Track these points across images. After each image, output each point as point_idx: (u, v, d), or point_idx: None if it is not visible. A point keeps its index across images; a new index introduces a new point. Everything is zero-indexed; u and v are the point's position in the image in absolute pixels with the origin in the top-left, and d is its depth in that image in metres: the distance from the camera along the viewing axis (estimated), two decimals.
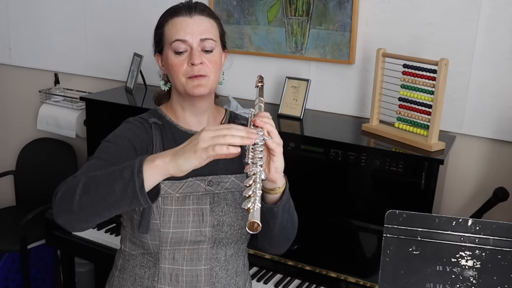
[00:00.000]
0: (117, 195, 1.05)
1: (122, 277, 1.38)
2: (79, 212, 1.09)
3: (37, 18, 3.12)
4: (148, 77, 2.69)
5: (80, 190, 1.08)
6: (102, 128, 2.56)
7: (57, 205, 1.12)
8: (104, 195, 1.06)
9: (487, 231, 1.22)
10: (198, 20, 1.28)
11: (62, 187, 1.14)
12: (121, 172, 1.05)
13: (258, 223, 0.96)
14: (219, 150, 1.01)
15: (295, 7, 2.31)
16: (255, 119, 1.11)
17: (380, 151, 1.95)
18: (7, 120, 3.47)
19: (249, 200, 0.99)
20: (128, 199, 1.05)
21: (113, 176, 1.06)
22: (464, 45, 2.02)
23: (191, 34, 1.27)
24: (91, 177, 1.09)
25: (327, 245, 2.02)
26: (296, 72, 2.37)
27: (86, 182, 1.09)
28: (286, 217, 1.24)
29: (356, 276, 1.92)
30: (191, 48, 1.27)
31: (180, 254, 1.30)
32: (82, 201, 1.08)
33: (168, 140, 1.33)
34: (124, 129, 1.31)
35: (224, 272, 1.34)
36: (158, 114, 1.37)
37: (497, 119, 2.02)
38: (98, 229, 2.40)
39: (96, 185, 1.07)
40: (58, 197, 1.12)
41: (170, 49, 1.29)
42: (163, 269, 1.30)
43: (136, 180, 1.03)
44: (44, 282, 3.03)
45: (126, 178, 1.04)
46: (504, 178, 2.01)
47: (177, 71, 1.28)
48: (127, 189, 1.04)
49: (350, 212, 2.00)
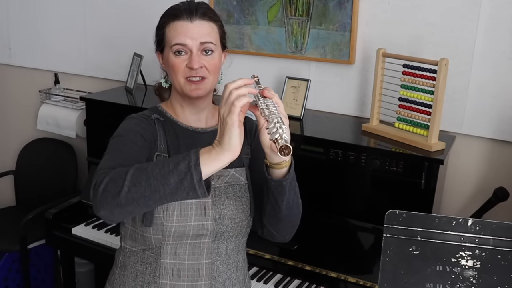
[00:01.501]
0: (172, 187, 1.06)
1: (123, 274, 1.38)
2: (127, 204, 1.08)
3: (37, 18, 3.12)
4: (148, 77, 2.69)
5: (129, 182, 1.07)
6: (102, 128, 2.57)
7: (100, 197, 1.10)
8: (157, 187, 1.06)
9: (487, 231, 1.22)
10: (199, 24, 1.30)
11: (103, 179, 1.11)
12: (176, 165, 1.06)
13: (290, 146, 1.02)
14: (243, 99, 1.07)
15: (295, 7, 2.31)
16: (264, 90, 1.15)
17: (380, 151, 1.95)
18: (7, 120, 3.47)
19: (274, 126, 1.05)
20: (184, 192, 1.06)
21: (167, 168, 1.06)
22: (464, 45, 2.02)
23: (191, 38, 1.28)
24: (141, 169, 1.09)
25: (327, 245, 2.02)
26: (296, 72, 2.38)
27: (135, 173, 1.08)
28: (292, 196, 1.26)
29: (356, 276, 1.92)
30: (191, 52, 1.29)
31: (182, 248, 1.31)
32: (131, 193, 1.07)
33: (171, 135, 1.35)
34: (132, 124, 1.32)
35: (225, 266, 1.36)
36: (159, 111, 1.39)
37: (497, 119, 2.02)
38: (98, 229, 2.40)
39: (147, 177, 1.07)
40: (101, 189, 1.10)
41: (171, 51, 1.30)
42: (165, 264, 1.31)
43: (194, 173, 1.04)
44: (44, 282, 3.03)
45: (182, 170, 1.05)
46: (504, 178, 2.01)
47: (176, 71, 1.30)
48: (183, 181, 1.05)
49: (350, 212, 2.00)
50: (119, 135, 1.29)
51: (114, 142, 1.28)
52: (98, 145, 2.60)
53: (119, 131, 1.31)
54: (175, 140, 1.35)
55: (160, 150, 1.32)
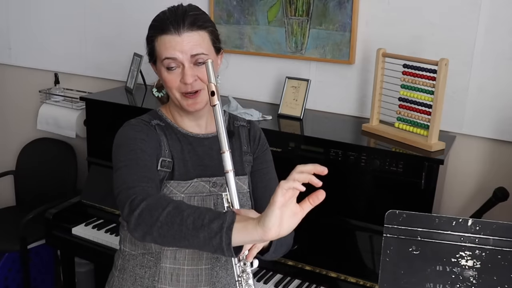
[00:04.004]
0: (200, 241, 1.03)
1: (122, 277, 1.38)
2: (157, 237, 1.08)
3: (37, 18, 3.12)
4: (148, 77, 2.69)
5: (163, 218, 1.06)
6: (102, 128, 2.57)
7: (135, 221, 1.09)
8: (187, 236, 1.04)
9: (487, 231, 1.22)
10: (187, 37, 1.25)
11: (140, 202, 1.10)
12: (210, 221, 1.02)
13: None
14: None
15: (295, 7, 2.31)
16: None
17: (380, 151, 1.95)
18: (7, 120, 3.47)
19: None
20: (212, 248, 1.03)
21: (201, 221, 1.03)
22: (464, 45, 2.02)
23: (180, 51, 1.24)
24: (178, 210, 1.06)
25: (327, 245, 2.02)
26: (296, 72, 2.38)
27: (172, 212, 1.06)
28: (278, 250, 1.29)
29: (356, 276, 1.92)
30: (183, 65, 1.26)
31: (182, 253, 1.30)
32: (163, 230, 1.06)
33: (173, 140, 1.33)
34: (134, 132, 1.28)
35: (224, 272, 1.35)
36: (159, 116, 1.37)
37: (497, 119, 2.02)
38: (98, 229, 2.40)
39: (181, 222, 1.04)
40: (136, 213, 1.09)
41: (162, 66, 1.28)
42: (164, 268, 1.31)
43: (224, 236, 1.00)
44: (44, 282, 3.03)
45: (213, 229, 1.01)
46: (504, 178, 2.01)
47: (170, 86, 1.28)
48: (212, 241, 1.01)
49: (350, 212, 2.00)
50: (126, 144, 1.25)
51: (124, 153, 1.24)
52: (98, 145, 2.60)
53: (123, 140, 1.27)
54: (177, 145, 1.33)
55: (164, 155, 1.30)
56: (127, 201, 1.11)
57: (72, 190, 3.00)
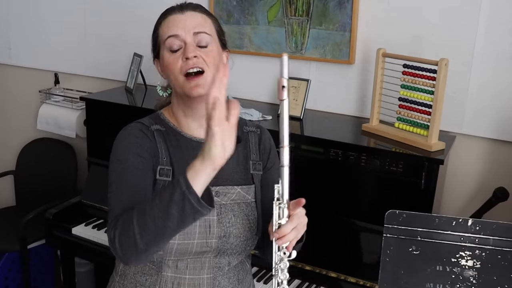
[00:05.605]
0: (178, 218, 1.04)
1: (122, 283, 1.35)
2: (147, 247, 1.09)
3: (37, 18, 3.12)
4: (148, 77, 2.69)
5: (137, 229, 1.07)
6: (102, 128, 2.57)
7: (121, 251, 1.11)
8: (164, 224, 1.05)
9: (487, 231, 1.22)
10: (190, 15, 1.26)
11: (114, 233, 1.12)
12: (170, 196, 1.04)
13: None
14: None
15: (295, 7, 2.31)
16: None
17: (380, 151, 1.95)
18: (7, 120, 3.47)
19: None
20: (190, 217, 1.04)
21: (164, 203, 1.04)
22: (464, 45, 2.02)
23: (183, 28, 1.24)
24: (141, 213, 1.08)
25: (327, 245, 2.02)
26: (296, 72, 2.37)
27: (139, 219, 1.08)
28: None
29: (356, 276, 1.92)
30: (185, 44, 1.24)
31: (184, 262, 1.27)
32: (145, 238, 1.07)
33: (173, 146, 1.28)
34: (127, 144, 1.25)
35: (226, 281, 1.32)
36: (160, 120, 1.32)
37: (497, 119, 2.02)
38: (98, 229, 2.41)
39: (151, 219, 1.06)
40: (117, 245, 1.11)
41: (165, 49, 1.26)
42: (165, 277, 1.28)
43: (190, 197, 1.02)
44: (44, 282, 3.03)
45: (178, 200, 1.03)
46: (504, 178, 2.01)
47: (173, 69, 1.24)
48: (185, 209, 1.03)
49: (350, 212, 2.00)
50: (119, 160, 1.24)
51: (116, 171, 1.23)
52: (98, 145, 2.60)
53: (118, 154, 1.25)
54: (178, 151, 1.28)
55: (162, 163, 1.26)
56: (109, 238, 1.14)
57: (72, 190, 2.99)
